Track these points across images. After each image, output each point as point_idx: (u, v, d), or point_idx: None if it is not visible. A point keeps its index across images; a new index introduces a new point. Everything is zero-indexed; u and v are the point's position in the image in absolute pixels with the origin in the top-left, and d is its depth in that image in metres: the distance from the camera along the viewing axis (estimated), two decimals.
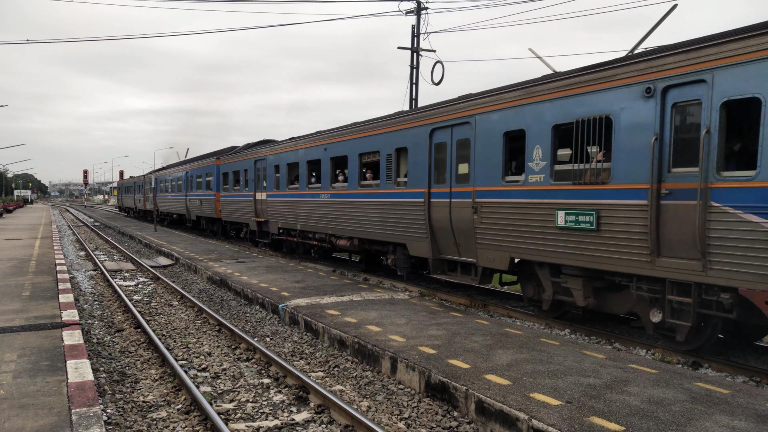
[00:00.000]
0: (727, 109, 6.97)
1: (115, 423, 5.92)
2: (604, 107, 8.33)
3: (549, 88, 9.22)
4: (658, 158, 7.60)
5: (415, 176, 12.29)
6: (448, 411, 6.13)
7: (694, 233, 7.15)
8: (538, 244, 9.36)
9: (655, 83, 7.69)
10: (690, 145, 7.33)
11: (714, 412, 5.31)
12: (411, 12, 23.42)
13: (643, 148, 7.78)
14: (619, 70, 8.21)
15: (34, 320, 8.70)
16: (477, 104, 10.62)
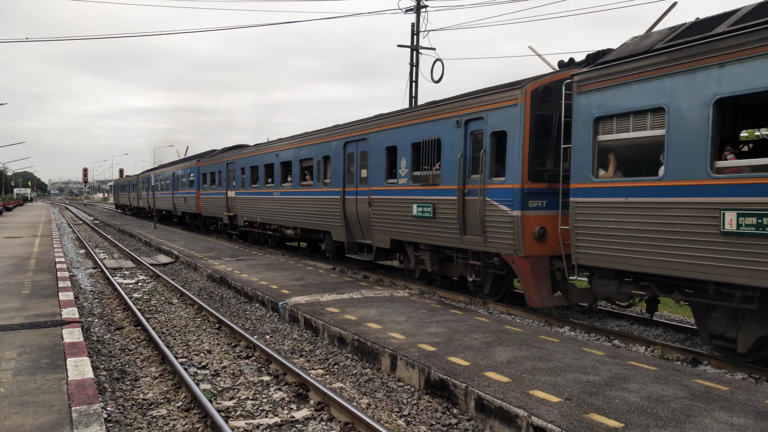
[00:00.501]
0: (493, 136, 10.40)
1: (116, 420, 5.93)
2: (437, 132, 11.83)
3: (409, 116, 12.91)
4: (463, 168, 10.97)
5: (335, 178, 15.74)
6: (447, 408, 6.14)
7: (479, 218, 10.52)
8: (404, 228, 12.73)
9: (461, 118, 11.07)
10: (478, 160, 10.69)
11: (713, 409, 5.32)
12: (411, 10, 23.40)
13: (456, 161, 11.13)
14: (444, 107, 11.71)
15: (34, 318, 8.71)
16: (371, 125, 14.29)
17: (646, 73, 7.90)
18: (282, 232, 19.61)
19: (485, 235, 10.38)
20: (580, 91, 8.88)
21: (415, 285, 12.99)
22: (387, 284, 13.22)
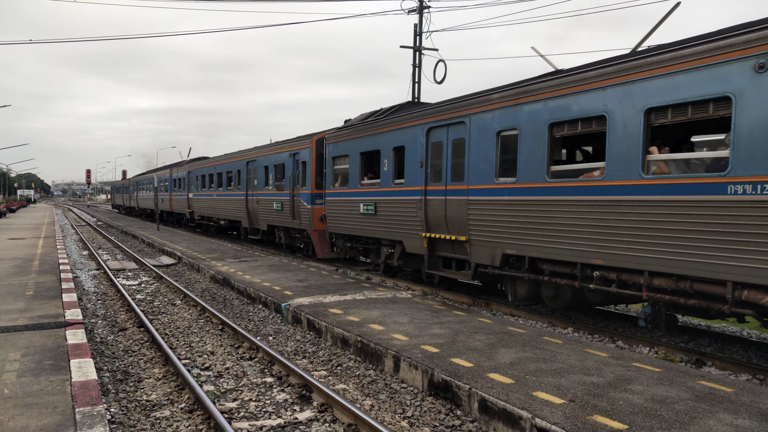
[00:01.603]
0: (302, 163, 15.72)
1: (119, 422, 5.94)
2: (282, 160, 19.17)
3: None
4: (292, 180, 17.10)
5: (242, 185, 23.76)
6: (451, 410, 6.13)
7: (292, 208, 16.96)
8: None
9: (291, 152, 17.49)
10: (297, 176, 17.82)
11: (718, 411, 5.30)
12: (413, 11, 23.40)
13: (289, 177, 18.07)
14: (283, 145, 17.84)
15: (38, 319, 8.72)
16: (248, 154, 23.13)
17: (345, 138, 15.63)
18: (218, 222, 27.24)
19: (300, 219, 18.18)
20: (328, 142, 16.63)
21: (417, 286, 12.97)
22: (390, 285, 13.21)
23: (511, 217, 9.95)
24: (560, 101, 8.96)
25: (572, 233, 8.78)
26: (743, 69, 6.69)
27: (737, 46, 6.80)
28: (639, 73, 7.83)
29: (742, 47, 6.74)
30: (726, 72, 6.84)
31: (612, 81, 8.19)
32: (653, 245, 7.70)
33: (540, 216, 9.34)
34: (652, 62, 7.70)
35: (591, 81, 8.53)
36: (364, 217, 14.50)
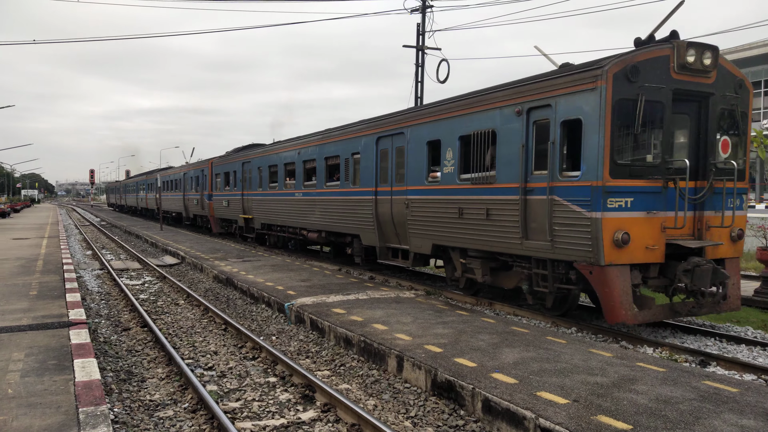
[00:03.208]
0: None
1: (122, 422, 5.94)
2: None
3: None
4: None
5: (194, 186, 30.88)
6: (454, 410, 6.12)
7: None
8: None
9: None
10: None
11: (722, 411, 5.27)
12: (416, 10, 23.38)
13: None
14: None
15: (42, 319, 8.74)
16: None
17: (229, 161, 24.96)
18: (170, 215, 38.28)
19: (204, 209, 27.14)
20: (214, 164, 26.60)
21: (420, 286, 12.96)
22: (393, 285, 13.20)
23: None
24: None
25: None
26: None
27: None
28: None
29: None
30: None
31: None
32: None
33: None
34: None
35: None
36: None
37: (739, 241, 9.28)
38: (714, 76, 8.82)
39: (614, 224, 8.21)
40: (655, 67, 8.36)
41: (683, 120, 9.09)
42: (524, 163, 9.43)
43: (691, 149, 9.06)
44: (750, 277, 15.15)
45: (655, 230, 8.50)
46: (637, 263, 8.44)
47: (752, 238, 18.75)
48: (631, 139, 8.44)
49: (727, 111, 9.05)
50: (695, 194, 8.90)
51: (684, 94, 8.68)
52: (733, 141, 9.15)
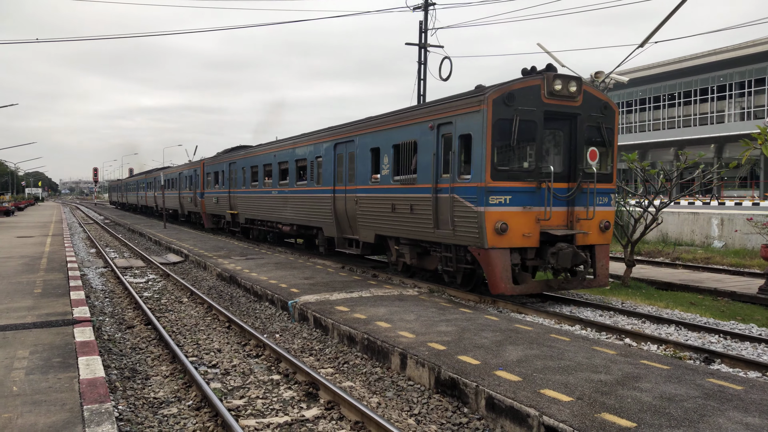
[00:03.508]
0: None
1: (127, 419, 5.95)
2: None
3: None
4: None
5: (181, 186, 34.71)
6: (458, 407, 6.12)
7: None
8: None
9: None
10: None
11: (727, 409, 5.26)
12: (418, 8, 23.33)
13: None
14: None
15: (46, 317, 8.76)
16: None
17: (218, 161, 27.19)
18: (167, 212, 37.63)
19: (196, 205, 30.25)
20: (205, 164, 28.81)
21: (424, 284, 12.95)
22: (396, 283, 13.20)
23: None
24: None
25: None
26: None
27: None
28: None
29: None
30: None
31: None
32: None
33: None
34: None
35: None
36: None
37: (607, 231, 11.13)
38: (580, 100, 10.73)
39: (495, 216, 10.15)
40: (529, 94, 10.32)
41: (558, 134, 11.11)
42: (435, 168, 11.42)
43: (564, 157, 11.03)
44: (755, 274, 15.12)
45: (530, 221, 10.39)
46: (515, 247, 10.32)
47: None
48: (509, 149, 10.51)
49: (594, 127, 10.94)
50: (567, 193, 10.79)
51: (555, 115, 10.62)
52: (600, 151, 11.11)
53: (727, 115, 52.12)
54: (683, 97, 55.56)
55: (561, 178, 10.81)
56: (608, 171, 11.28)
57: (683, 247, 20.74)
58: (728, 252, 19.08)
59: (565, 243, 10.55)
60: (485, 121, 10.11)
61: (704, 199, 38.12)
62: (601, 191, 11.08)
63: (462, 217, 10.64)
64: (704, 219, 21.80)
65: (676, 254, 19.01)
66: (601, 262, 11.09)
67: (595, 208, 10.86)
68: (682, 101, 55.78)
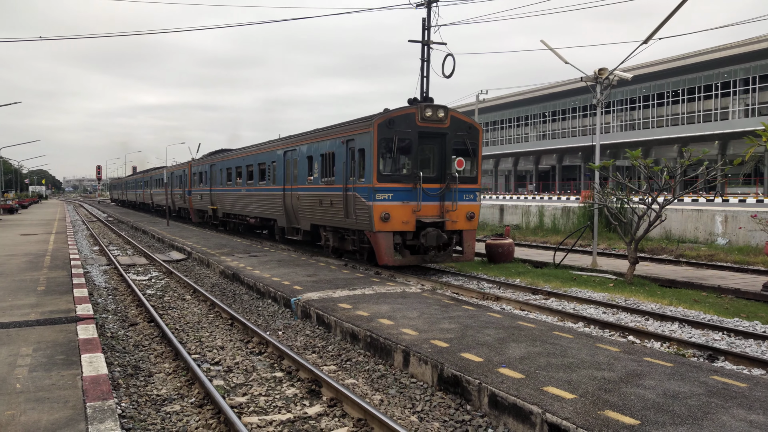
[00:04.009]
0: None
1: (130, 416, 5.96)
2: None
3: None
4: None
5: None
6: (461, 404, 6.11)
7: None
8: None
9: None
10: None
11: (731, 406, 5.24)
12: (422, 5, 23.27)
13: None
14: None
15: (49, 314, 8.78)
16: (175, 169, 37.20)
17: (201, 163, 31.17)
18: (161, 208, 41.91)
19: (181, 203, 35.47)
20: (192, 165, 32.51)
21: (427, 281, 12.95)
22: (399, 281, 13.19)
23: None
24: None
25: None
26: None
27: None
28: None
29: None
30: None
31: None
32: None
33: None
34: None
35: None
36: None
37: (472, 220, 14.49)
38: (448, 123, 14.18)
39: (381, 209, 13.58)
40: (406, 119, 13.75)
41: (431, 148, 14.37)
42: (345, 172, 14.88)
43: (436, 165, 14.40)
44: (759, 271, 15.06)
45: (408, 212, 13.82)
46: (397, 231, 13.78)
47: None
48: (391, 160, 13.90)
49: (460, 143, 14.39)
50: (438, 191, 14.15)
51: (427, 134, 14.04)
52: (466, 160, 14.39)
53: (731, 111, 51.95)
54: (687, 94, 55.39)
55: (434, 180, 14.20)
56: (473, 175, 14.70)
57: (687, 245, 20.67)
58: (732, 249, 19.02)
59: (435, 228, 13.88)
60: (372, 140, 13.56)
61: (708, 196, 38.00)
62: (466, 190, 14.51)
63: (359, 209, 14.08)
64: (708, 216, 21.73)
65: (679, 251, 18.96)
66: (468, 243, 14.51)
67: (461, 203, 14.33)
68: (686, 98, 55.61)
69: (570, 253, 17.25)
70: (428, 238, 13.71)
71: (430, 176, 14.17)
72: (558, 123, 69.56)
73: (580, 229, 18.07)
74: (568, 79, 56.04)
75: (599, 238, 20.45)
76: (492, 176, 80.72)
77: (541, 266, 16.36)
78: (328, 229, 16.57)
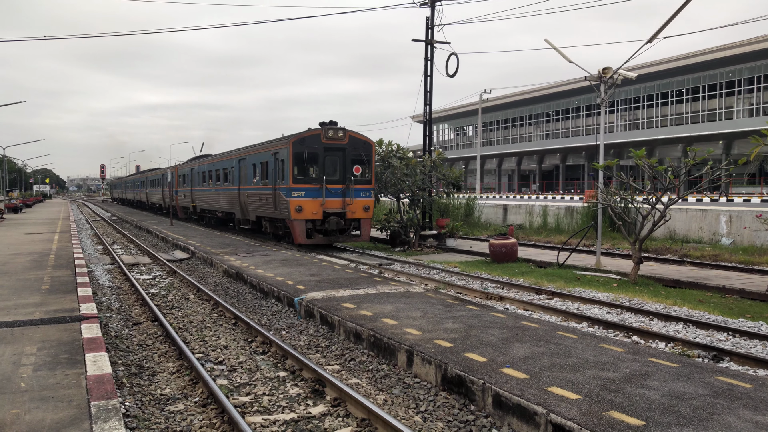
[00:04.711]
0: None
1: (134, 415, 5.96)
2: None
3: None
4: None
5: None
6: (464, 405, 6.10)
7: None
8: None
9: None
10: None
11: (737, 407, 5.21)
12: (425, 4, 23.23)
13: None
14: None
15: (54, 314, 8.79)
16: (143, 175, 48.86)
17: (184, 167, 36.15)
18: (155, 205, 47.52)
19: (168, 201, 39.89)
20: (178, 168, 37.75)
21: (430, 281, 12.93)
22: (403, 280, 13.18)
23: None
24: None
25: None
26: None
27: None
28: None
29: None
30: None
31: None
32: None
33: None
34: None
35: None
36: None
37: (367, 211, 19.34)
38: (347, 140, 19.23)
39: (295, 203, 18.41)
40: (314, 138, 18.86)
41: (336, 159, 19.22)
42: (274, 177, 19.80)
43: (339, 171, 19.26)
44: (764, 271, 15.01)
45: (316, 205, 18.68)
46: (308, 219, 18.59)
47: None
48: (303, 167, 18.83)
49: (357, 154, 19.40)
50: (340, 190, 19.02)
51: (331, 148, 19.06)
52: (362, 167, 19.46)
53: (735, 111, 51.77)
54: (691, 93, 55.23)
55: (336, 182, 19.11)
56: (368, 178, 19.64)
57: (691, 244, 20.60)
58: (737, 249, 18.94)
59: (336, 216, 18.89)
60: (288, 154, 18.71)
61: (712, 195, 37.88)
62: (362, 189, 19.44)
63: (281, 203, 19.10)
64: (712, 216, 21.65)
65: (684, 251, 18.90)
66: (365, 228, 19.50)
67: (358, 198, 19.25)
68: (690, 97, 55.45)
69: (574, 253, 17.22)
70: (330, 223, 18.74)
71: (334, 179, 19.03)
72: (562, 122, 69.47)
73: (584, 228, 18.02)
74: (572, 79, 55.93)
75: (603, 238, 20.40)
76: (495, 176, 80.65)
77: (545, 266, 16.33)
78: (266, 219, 21.66)
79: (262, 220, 22.03)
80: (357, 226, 19.27)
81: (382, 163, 21.89)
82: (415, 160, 22.36)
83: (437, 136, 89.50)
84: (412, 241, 21.13)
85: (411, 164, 21.52)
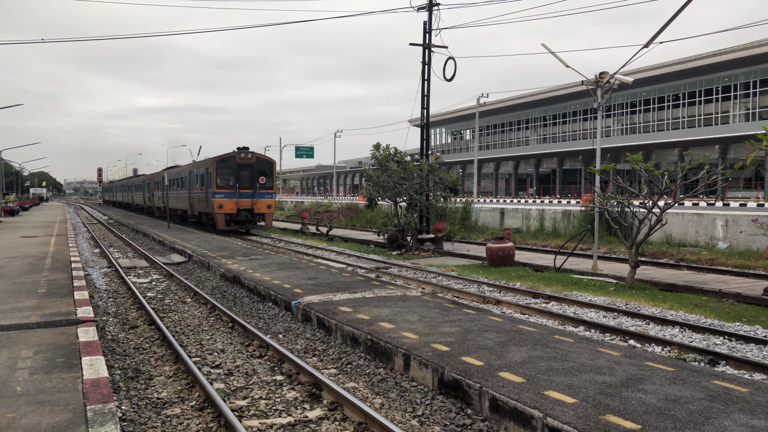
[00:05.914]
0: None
1: (130, 419, 5.95)
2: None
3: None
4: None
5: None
6: (461, 408, 6.10)
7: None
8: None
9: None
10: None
11: (732, 411, 5.23)
12: (423, 8, 23.30)
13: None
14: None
15: (50, 317, 8.78)
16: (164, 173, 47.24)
17: (160, 175, 44.24)
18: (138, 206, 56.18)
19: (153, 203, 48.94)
20: (155, 176, 47.17)
21: (427, 284, 12.94)
22: (400, 284, 13.19)
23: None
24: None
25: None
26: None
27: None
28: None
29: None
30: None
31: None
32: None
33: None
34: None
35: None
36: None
37: (270, 207, 28.64)
38: (254, 159, 28.53)
39: (218, 202, 27.44)
40: (231, 158, 28.16)
41: (247, 173, 28.16)
42: (207, 184, 28.41)
43: (249, 180, 28.14)
44: (760, 276, 15.05)
45: (233, 204, 27.67)
46: (227, 213, 27.60)
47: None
48: (223, 179, 27.84)
49: (262, 169, 28.65)
50: (250, 193, 28.12)
51: (244, 165, 28.14)
52: (266, 178, 28.63)
53: (731, 115, 51.97)
54: (688, 98, 55.44)
55: (247, 188, 27.91)
56: (270, 185, 28.66)
57: (687, 249, 20.66)
58: (733, 253, 19.00)
59: (246, 211, 27.73)
60: (213, 169, 27.56)
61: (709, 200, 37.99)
62: (266, 192, 28.44)
63: (210, 202, 27.58)
64: (709, 220, 21.72)
65: (680, 255, 18.94)
66: (268, 219, 28.65)
67: (262, 199, 28.20)
68: (686, 102, 55.66)
69: (570, 257, 17.25)
70: (241, 215, 27.75)
71: (245, 186, 27.93)
72: (559, 126, 69.62)
73: (581, 232, 18.06)
74: (569, 83, 56.09)
75: (600, 242, 20.45)
76: (492, 179, 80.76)
77: (542, 270, 16.35)
78: (204, 214, 30.54)
79: (202, 215, 31.13)
80: (262, 218, 28.47)
81: (379, 167, 21.93)
82: (412, 163, 22.41)
83: (435, 139, 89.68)
84: (409, 245, 21.18)
85: (408, 168, 21.58)
